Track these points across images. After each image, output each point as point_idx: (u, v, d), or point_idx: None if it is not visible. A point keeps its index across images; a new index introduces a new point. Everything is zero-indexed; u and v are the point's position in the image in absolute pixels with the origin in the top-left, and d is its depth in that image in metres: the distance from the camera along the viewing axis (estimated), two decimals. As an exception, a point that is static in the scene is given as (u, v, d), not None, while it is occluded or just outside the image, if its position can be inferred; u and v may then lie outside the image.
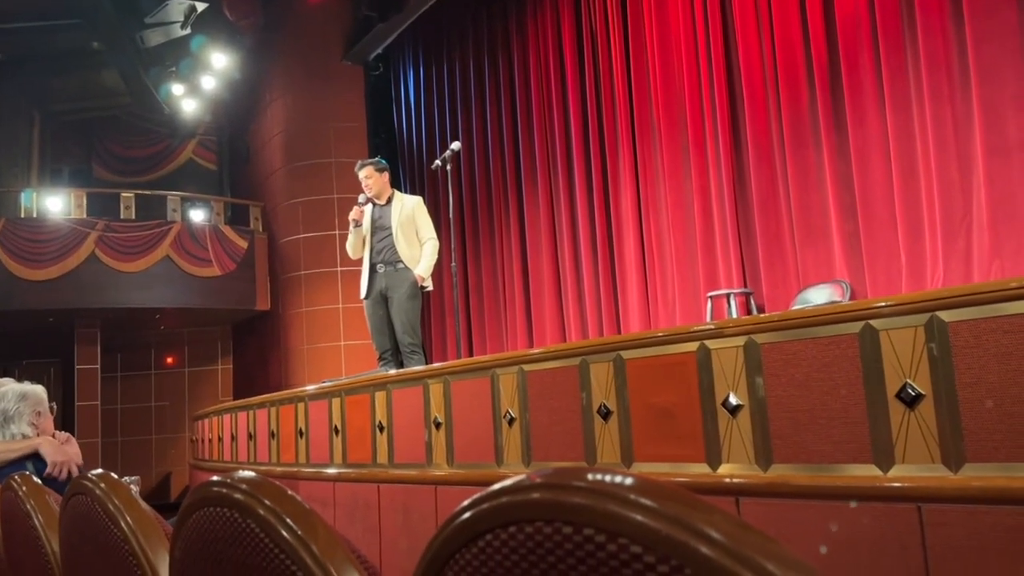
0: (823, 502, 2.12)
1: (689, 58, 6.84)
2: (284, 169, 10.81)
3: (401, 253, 5.14)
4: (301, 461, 4.89)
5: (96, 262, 9.80)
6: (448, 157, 5.55)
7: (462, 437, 3.46)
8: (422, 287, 5.16)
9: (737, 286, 6.30)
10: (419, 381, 3.77)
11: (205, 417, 7.84)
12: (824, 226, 5.84)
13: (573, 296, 7.95)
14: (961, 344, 1.90)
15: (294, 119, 10.74)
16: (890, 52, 5.44)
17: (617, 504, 0.51)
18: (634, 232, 7.30)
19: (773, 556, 0.48)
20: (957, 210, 5.08)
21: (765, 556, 0.47)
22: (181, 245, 10.24)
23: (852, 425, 2.08)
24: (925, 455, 1.93)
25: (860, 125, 5.60)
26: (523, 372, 3.14)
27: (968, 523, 1.83)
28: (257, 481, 0.88)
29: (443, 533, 0.63)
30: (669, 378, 2.56)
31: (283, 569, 0.82)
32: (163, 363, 12.27)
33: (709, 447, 2.43)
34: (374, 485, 3.98)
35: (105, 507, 1.23)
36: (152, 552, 1.15)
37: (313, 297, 10.34)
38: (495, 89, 9.17)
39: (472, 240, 9.36)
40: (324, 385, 4.94)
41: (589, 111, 7.88)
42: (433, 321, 9.86)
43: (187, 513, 0.98)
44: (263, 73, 11.21)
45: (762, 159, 6.26)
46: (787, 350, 2.24)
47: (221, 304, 10.63)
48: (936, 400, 1.93)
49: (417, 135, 10.52)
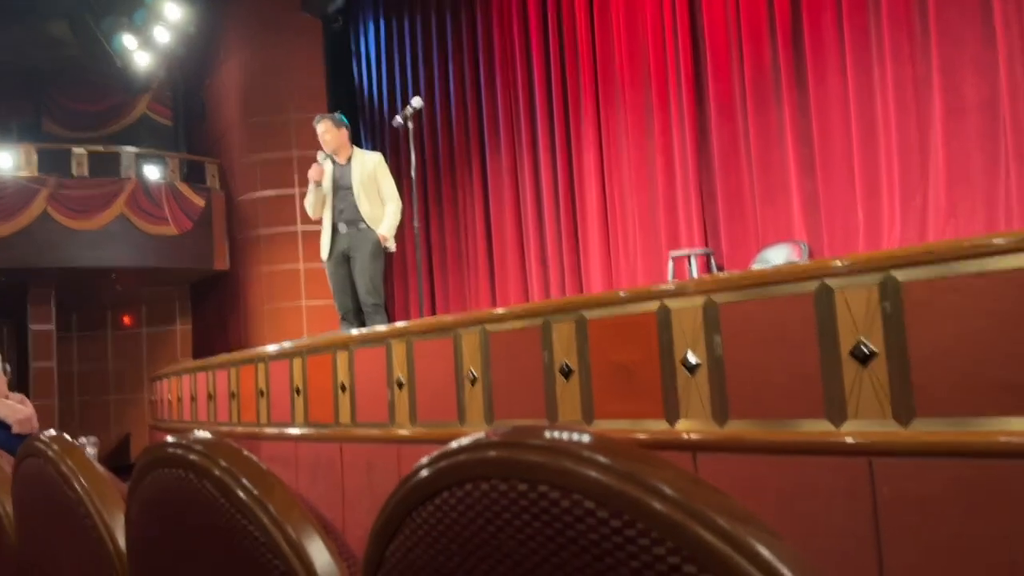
0: (778, 456, 2.17)
1: (653, 16, 6.80)
2: (241, 125, 10.59)
3: (363, 212, 5.08)
4: (262, 421, 4.87)
5: (49, 220, 9.56)
6: (410, 115, 5.48)
7: (425, 396, 3.47)
8: (385, 248, 5.12)
9: (698, 245, 6.35)
10: (382, 341, 3.76)
11: (164, 378, 7.76)
12: (784, 185, 5.89)
13: (536, 255, 7.95)
14: (914, 303, 1.94)
15: (251, 73, 10.49)
16: (853, 11, 5.46)
17: (572, 461, 0.52)
18: (597, 191, 7.30)
19: (723, 510, 0.48)
20: (915, 169, 5.16)
21: (715, 510, 0.48)
22: (136, 203, 10.02)
23: (806, 382, 2.12)
24: (877, 410, 1.98)
25: (821, 84, 5.63)
26: (486, 332, 3.14)
27: (917, 476, 1.89)
28: (212, 442, 0.88)
29: (400, 491, 0.63)
30: (630, 337, 2.59)
31: (240, 530, 0.82)
32: (120, 323, 12.08)
33: (668, 404, 2.46)
34: (337, 444, 3.99)
35: (59, 469, 1.21)
36: (108, 513, 1.14)
37: (273, 256, 10.22)
38: (458, 45, 9.03)
39: (435, 199, 9.29)
40: (285, 346, 4.91)
41: (553, 69, 7.81)
42: (396, 281, 9.81)
43: (142, 474, 0.97)
44: (219, 26, 10.90)
45: (724, 118, 6.27)
46: (745, 309, 2.27)
47: (178, 263, 10.46)
48: (889, 357, 1.97)
49: (378, 91, 10.35)
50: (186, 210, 10.43)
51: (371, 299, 5.05)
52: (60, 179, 9.76)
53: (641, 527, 0.49)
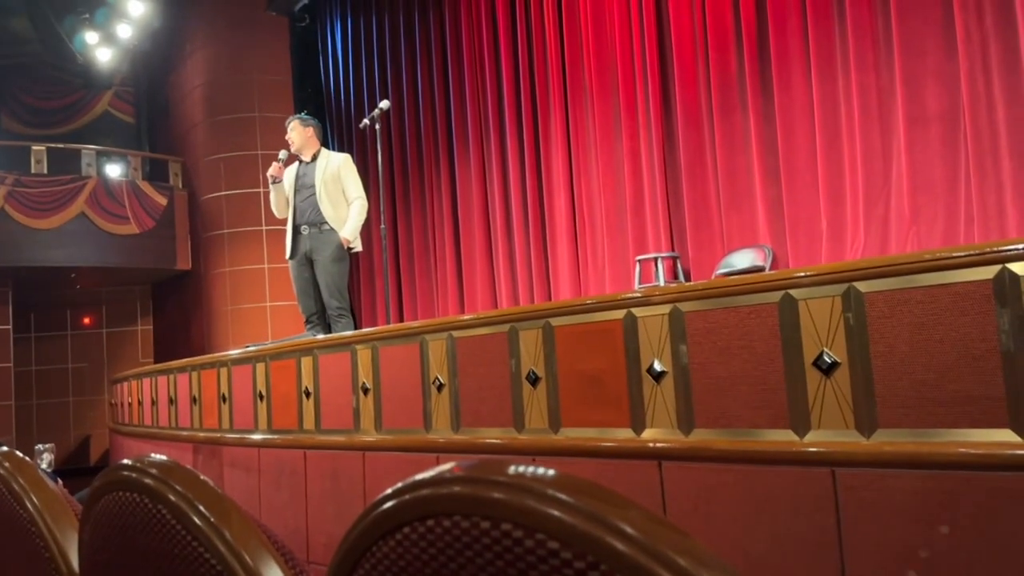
0: (743, 466, 2.18)
1: (622, 22, 6.83)
2: (205, 123, 10.44)
3: (325, 214, 5.01)
4: (225, 427, 4.80)
5: (6, 219, 9.35)
6: (377, 116, 5.45)
7: (390, 403, 3.44)
8: (349, 249, 5.06)
9: (665, 250, 6.39)
10: (347, 347, 3.72)
11: (124, 380, 7.62)
12: (749, 191, 5.95)
13: (504, 258, 7.95)
14: (876, 314, 1.96)
15: (216, 71, 10.35)
16: (818, 20, 5.52)
17: (534, 499, 0.51)
18: (565, 195, 7.31)
19: (686, 552, 0.48)
20: (878, 177, 5.24)
21: (678, 552, 0.48)
22: (97, 201, 9.84)
23: (771, 392, 2.14)
24: (840, 421, 2.00)
25: (786, 91, 5.70)
26: (452, 338, 3.13)
27: (879, 486, 1.91)
28: (168, 465, 0.85)
29: (361, 524, 0.62)
30: (597, 345, 2.59)
31: (196, 556, 0.80)
32: (80, 323, 11.85)
33: (634, 412, 2.47)
34: (300, 451, 3.94)
35: (10, 487, 1.18)
36: (61, 534, 1.11)
37: (237, 256, 10.09)
38: (426, 46, 9.00)
39: (402, 201, 9.24)
40: (248, 349, 4.84)
41: (521, 72, 7.81)
42: (362, 284, 9.74)
43: (96, 496, 0.94)
44: (183, 22, 10.74)
45: (691, 124, 6.32)
46: (710, 318, 2.29)
47: (140, 263, 10.29)
48: (851, 368, 1.99)
49: (345, 91, 10.27)
50: (148, 209, 10.27)
51: (335, 302, 4.99)
52: (18, 176, 9.55)
53: (605, 568, 0.48)
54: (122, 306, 11.88)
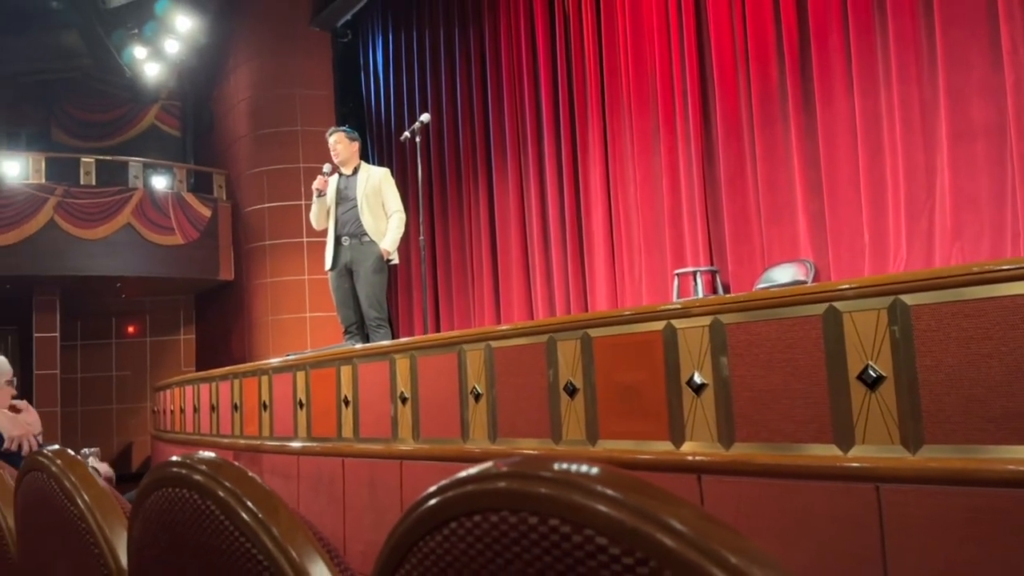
0: (784, 480, 2.15)
1: (660, 34, 6.82)
2: (249, 136, 10.62)
3: (366, 225, 5.08)
4: (265, 434, 4.86)
5: (55, 229, 9.59)
6: (417, 129, 5.50)
7: (428, 412, 3.45)
8: (388, 261, 5.12)
9: (704, 264, 6.34)
10: (385, 356, 3.75)
11: (167, 388, 7.75)
12: (790, 205, 5.89)
13: (541, 271, 7.95)
14: (923, 327, 1.93)
15: (260, 86, 10.54)
16: (860, 33, 5.47)
17: (582, 495, 0.51)
18: (602, 209, 7.30)
19: (738, 549, 0.48)
20: (921, 192, 5.15)
21: (730, 549, 0.47)
22: (143, 212, 10.05)
23: (814, 405, 2.11)
24: (884, 436, 1.96)
25: (828, 104, 5.64)
26: (490, 348, 3.13)
27: (925, 503, 1.87)
28: (218, 462, 0.87)
29: (406, 520, 0.62)
30: (635, 356, 2.57)
31: (243, 552, 0.81)
32: (124, 332, 12.08)
33: (673, 425, 2.45)
34: (339, 459, 3.97)
35: (61, 484, 1.21)
36: (110, 530, 1.13)
37: (278, 267, 10.23)
38: (465, 60, 9.07)
39: (440, 214, 9.30)
40: (289, 358, 4.90)
41: (560, 85, 7.84)
42: (400, 295, 9.81)
43: (146, 492, 0.96)
44: (228, 37, 10.96)
45: (731, 137, 6.28)
46: (752, 331, 2.26)
47: (184, 273, 10.48)
48: (897, 382, 1.96)
49: (386, 105, 10.39)
50: (192, 220, 10.46)
51: (373, 312, 5.04)
52: (68, 188, 9.79)
53: (654, 565, 0.48)
54: (166, 315, 12.10)
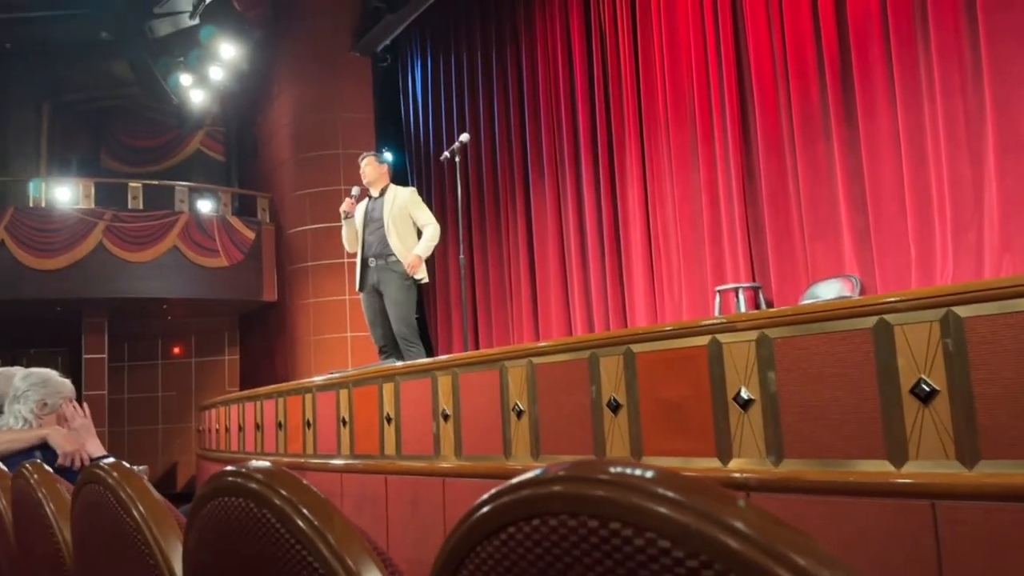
0: (835, 498, 2.10)
1: (697, 51, 6.81)
2: (292, 160, 10.81)
3: (393, 246, 5.12)
4: (308, 452, 4.89)
5: (104, 252, 9.82)
6: (456, 149, 5.55)
7: (470, 429, 3.45)
8: (416, 280, 5.10)
9: (745, 280, 6.28)
10: (427, 373, 3.76)
11: (212, 407, 7.85)
12: (834, 220, 5.81)
13: (579, 290, 7.94)
14: (977, 340, 1.88)
15: (302, 110, 10.73)
16: (901, 45, 5.40)
17: (642, 497, 0.51)
18: (641, 226, 7.28)
19: (806, 551, 0.47)
20: (967, 205, 5.05)
21: (798, 551, 0.46)
22: (189, 235, 10.26)
23: (865, 420, 2.07)
24: (939, 451, 1.91)
25: (871, 118, 5.57)
26: (532, 365, 3.13)
27: (983, 520, 1.81)
28: (273, 471, 0.88)
29: (463, 526, 0.62)
30: (679, 372, 2.55)
31: (299, 560, 0.81)
32: (170, 353, 12.30)
33: (720, 441, 2.41)
34: (381, 476, 3.98)
35: (117, 496, 1.23)
36: (165, 541, 1.14)
37: (320, 288, 10.35)
38: (503, 81, 9.14)
39: (479, 232, 9.35)
40: (332, 376, 4.94)
41: (597, 104, 7.85)
42: (439, 313, 9.86)
43: (201, 503, 0.97)
44: (271, 64, 11.19)
45: (772, 152, 6.23)
46: (800, 345, 2.23)
47: (228, 295, 10.65)
48: (951, 396, 1.91)
49: (424, 127, 10.50)
50: (237, 242, 10.64)
51: (403, 332, 5.07)
52: (116, 212, 10.03)
53: (719, 568, 0.47)
54: (210, 336, 12.29)
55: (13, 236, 9.53)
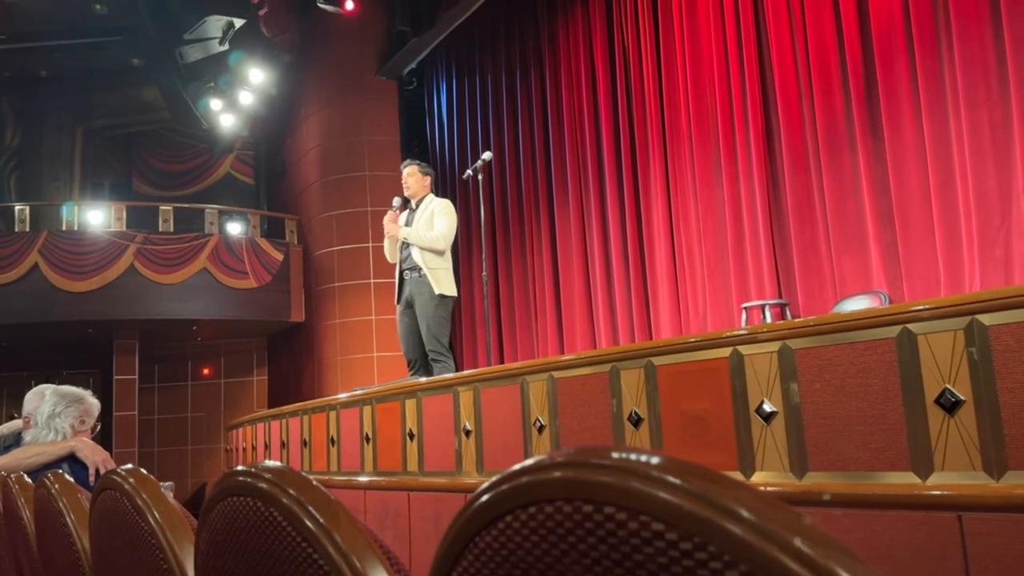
0: (861, 510, 2.07)
1: (720, 67, 6.80)
2: (319, 183, 10.93)
3: (416, 259, 5.04)
4: (333, 469, 4.90)
5: (135, 274, 9.97)
6: (480, 167, 5.57)
7: (492, 445, 3.44)
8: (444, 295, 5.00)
9: (771, 296, 6.22)
10: (449, 389, 3.76)
11: (240, 426, 7.91)
12: (861, 234, 5.75)
13: (604, 307, 7.91)
14: (1003, 348, 1.85)
15: (329, 133, 10.86)
16: (926, 56, 5.36)
17: (639, 481, 0.50)
18: (665, 243, 7.25)
19: (801, 532, 0.46)
20: (995, 217, 4.98)
21: (793, 532, 0.46)
22: (218, 257, 10.39)
23: (890, 432, 2.03)
24: (965, 462, 1.87)
25: (896, 131, 5.52)
26: (553, 379, 3.12)
27: (1011, 532, 1.77)
28: (281, 470, 0.88)
29: (463, 515, 0.62)
30: (701, 384, 2.53)
31: (305, 558, 0.82)
32: (199, 374, 12.42)
33: (742, 454, 2.38)
34: (404, 493, 3.97)
35: (134, 501, 1.24)
36: (178, 545, 1.15)
37: (347, 309, 10.42)
38: (527, 101, 9.20)
39: (503, 250, 9.37)
40: (355, 393, 4.95)
41: (620, 121, 7.86)
42: (464, 330, 9.87)
43: (212, 503, 0.98)
44: (299, 88, 11.36)
45: (797, 167, 6.18)
46: (822, 355, 2.20)
47: (257, 316, 10.75)
48: (977, 406, 1.88)
49: (450, 147, 10.59)
50: (266, 264, 10.76)
51: (432, 346, 4.97)
52: (147, 235, 10.20)
53: (713, 550, 0.46)
54: (239, 357, 12.40)
55: (47, 259, 9.71)
